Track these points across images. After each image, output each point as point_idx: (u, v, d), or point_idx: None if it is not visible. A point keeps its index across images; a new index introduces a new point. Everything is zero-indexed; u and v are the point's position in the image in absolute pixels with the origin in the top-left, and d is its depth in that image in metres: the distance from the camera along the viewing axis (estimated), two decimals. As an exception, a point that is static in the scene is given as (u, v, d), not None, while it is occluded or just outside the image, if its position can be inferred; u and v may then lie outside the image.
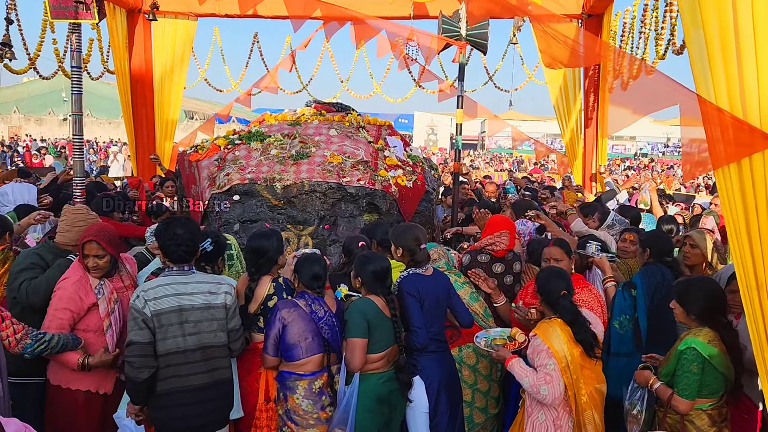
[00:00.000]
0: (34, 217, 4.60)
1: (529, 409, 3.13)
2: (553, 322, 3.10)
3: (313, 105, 6.02)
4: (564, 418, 3.03)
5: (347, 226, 4.72)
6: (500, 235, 4.09)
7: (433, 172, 5.72)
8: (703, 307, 3.01)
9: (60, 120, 36.66)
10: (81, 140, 4.54)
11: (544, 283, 3.19)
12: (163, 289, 2.96)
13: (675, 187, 17.02)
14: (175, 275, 3.06)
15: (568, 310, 3.11)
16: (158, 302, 2.92)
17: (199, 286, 3.06)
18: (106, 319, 3.30)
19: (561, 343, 3.00)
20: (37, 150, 20.62)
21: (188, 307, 2.98)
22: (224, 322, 3.10)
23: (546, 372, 2.97)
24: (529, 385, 3.00)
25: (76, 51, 4.49)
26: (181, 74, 9.91)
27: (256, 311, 3.40)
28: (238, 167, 4.87)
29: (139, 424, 3.14)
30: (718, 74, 2.43)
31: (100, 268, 3.29)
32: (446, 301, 3.50)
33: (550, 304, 3.17)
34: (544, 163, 26.36)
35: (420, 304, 3.35)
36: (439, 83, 8.93)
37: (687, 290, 3.10)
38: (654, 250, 4.00)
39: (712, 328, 2.98)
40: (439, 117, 46.43)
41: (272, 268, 3.51)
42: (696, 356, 2.89)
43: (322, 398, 3.28)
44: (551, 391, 2.94)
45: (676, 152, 44.27)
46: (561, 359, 2.97)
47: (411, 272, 3.46)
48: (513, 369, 3.10)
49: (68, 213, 3.71)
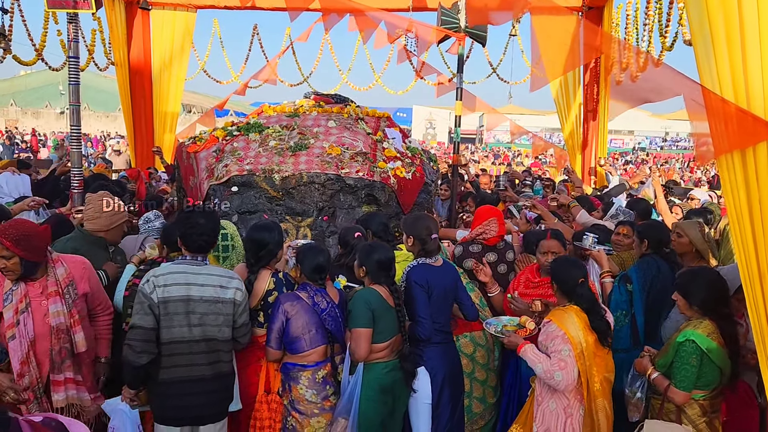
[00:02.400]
0: (28, 203, 4.61)
1: (539, 397, 3.12)
2: (569, 309, 3.09)
3: (312, 96, 5.99)
4: (575, 406, 3.02)
5: (346, 218, 4.70)
6: (489, 223, 4.13)
7: (431, 164, 5.70)
8: (706, 299, 3.01)
9: (57, 113, 36.55)
10: (78, 131, 4.52)
11: (561, 272, 3.19)
12: (174, 277, 2.95)
13: (677, 178, 17.00)
14: (188, 264, 3.04)
15: (585, 298, 3.11)
16: (167, 289, 2.91)
17: (211, 279, 3.04)
18: (9, 330, 3.02)
19: (577, 329, 3.00)
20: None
21: (197, 298, 2.97)
22: (230, 318, 3.08)
23: (560, 358, 2.95)
24: (542, 371, 2.98)
25: (73, 41, 4.47)
26: (181, 66, 9.86)
27: (255, 306, 3.37)
28: (237, 158, 4.84)
29: (134, 409, 3.13)
30: (722, 64, 2.42)
31: (9, 270, 3.00)
32: (453, 293, 3.50)
33: (565, 293, 3.15)
34: (542, 157, 26.36)
35: (428, 295, 3.34)
36: (438, 76, 8.89)
37: (689, 281, 3.10)
38: (652, 241, 3.98)
39: (713, 320, 2.98)
40: (438, 111, 46.38)
41: (271, 262, 3.48)
42: (695, 349, 2.90)
43: (326, 388, 3.29)
44: (565, 377, 2.93)
45: (674, 146, 44.32)
46: (576, 345, 2.97)
47: (420, 262, 3.44)
48: (526, 355, 3.09)
49: (93, 200, 3.74)
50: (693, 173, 22.76)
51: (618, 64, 6.18)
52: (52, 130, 32.85)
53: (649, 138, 48.03)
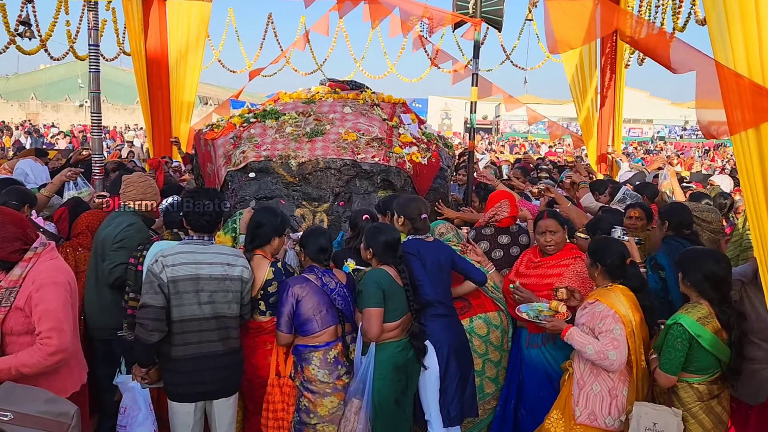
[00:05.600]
0: (66, 174, 4.67)
1: (581, 381, 3.10)
2: (614, 289, 3.08)
3: (328, 83, 6.02)
4: (619, 387, 3.02)
5: (362, 203, 4.74)
6: (500, 205, 4.21)
7: (447, 150, 5.71)
8: (699, 278, 2.94)
9: (76, 106, 37.02)
10: (99, 118, 4.60)
11: (606, 252, 3.15)
12: (182, 257, 3.02)
13: (696, 169, 16.79)
14: (195, 244, 3.11)
15: (636, 277, 3.12)
16: (176, 269, 2.97)
17: (218, 257, 3.11)
18: None
19: (626, 308, 2.99)
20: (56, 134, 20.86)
21: (206, 276, 3.03)
22: (239, 295, 3.15)
23: (613, 337, 2.93)
24: (594, 352, 2.95)
25: (93, 29, 4.55)
26: (197, 56, 9.91)
27: (256, 296, 3.36)
28: (254, 145, 4.90)
29: (144, 388, 3.21)
30: (736, 39, 2.41)
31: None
32: (449, 267, 3.58)
33: (611, 273, 3.13)
34: (558, 143, 26.17)
35: (422, 264, 3.46)
36: (453, 63, 8.86)
37: (688, 257, 3.07)
38: (673, 223, 3.94)
39: (711, 304, 2.92)
40: (454, 101, 46.11)
41: (265, 246, 3.45)
42: (681, 332, 2.86)
43: (338, 367, 3.33)
44: (618, 356, 2.91)
45: (694, 135, 43.63)
46: (627, 324, 2.96)
47: (411, 238, 3.62)
48: (572, 338, 3.06)
49: (134, 181, 3.90)
50: (714, 162, 22.44)
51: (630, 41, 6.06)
52: (72, 122, 33.29)
53: (668, 127, 47.31)
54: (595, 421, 3.04)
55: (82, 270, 3.88)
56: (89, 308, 3.81)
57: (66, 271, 2.73)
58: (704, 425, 2.91)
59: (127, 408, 3.33)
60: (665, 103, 45.42)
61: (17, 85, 39.73)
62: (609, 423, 3.02)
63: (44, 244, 2.70)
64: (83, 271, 3.87)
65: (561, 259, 3.73)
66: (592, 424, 3.05)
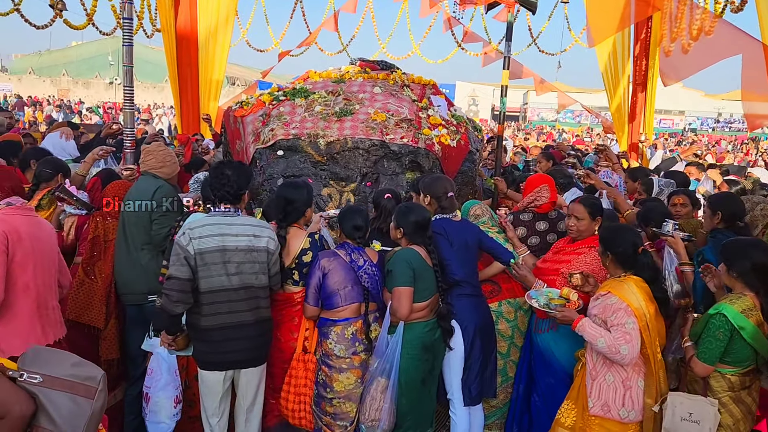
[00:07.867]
0: (98, 152, 4.75)
1: (593, 371, 3.03)
2: (627, 279, 2.99)
3: (358, 63, 5.99)
4: (633, 378, 2.96)
5: (389, 184, 4.72)
6: (540, 190, 4.05)
7: (476, 133, 5.65)
8: (748, 268, 2.85)
9: (106, 83, 37.50)
10: (131, 91, 4.63)
11: (617, 240, 3.04)
12: (209, 229, 3.04)
13: (729, 161, 16.43)
14: (221, 216, 3.14)
15: (649, 267, 3.02)
16: (203, 241, 3.00)
17: (244, 229, 3.14)
18: None
19: (639, 300, 2.90)
20: (87, 110, 21.18)
21: (232, 248, 3.06)
22: (265, 266, 3.17)
23: (625, 331, 2.84)
24: (605, 345, 2.86)
25: (128, 2, 4.56)
26: (226, 34, 9.96)
27: (290, 265, 3.42)
28: (283, 123, 4.90)
29: (171, 354, 3.28)
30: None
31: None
32: (476, 246, 3.57)
33: (623, 262, 3.03)
34: (587, 134, 25.79)
35: (449, 243, 3.46)
36: (484, 46, 8.74)
37: (735, 247, 2.97)
38: (726, 214, 3.60)
39: (757, 296, 2.84)
40: (481, 87, 45.68)
41: (299, 219, 3.52)
42: (724, 323, 2.79)
43: (355, 344, 3.35)
44: (631, 350, 2.83)
45: (727, 128, 42.64)
46: (641, 317, 2.88)
47: (439, 217, 3.60)
48: (583, 329, 2.97)
49: (154, 150, 3.95)
50: (748, 155, 21.91)
51: (668, 33, 5.92)
52: (101, 99, 33.76)
53: (700, 119, 46.23)
54: (609, 413, 2.96)
55: (111, 239, 3.94)
56: (119, 274, 3.88)
57: (5, 222, 2.81)
58: (733, 415, 2.86)
59: (153, 370, 3.39)
60: (699, 95, 44.35)
61: (50, 60, 40.43)
62: (623, 415, 2.94)
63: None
64: (112, 240, 3.93)
65: (578, 247, 3.59)
66: (605, 416, 2.97)
